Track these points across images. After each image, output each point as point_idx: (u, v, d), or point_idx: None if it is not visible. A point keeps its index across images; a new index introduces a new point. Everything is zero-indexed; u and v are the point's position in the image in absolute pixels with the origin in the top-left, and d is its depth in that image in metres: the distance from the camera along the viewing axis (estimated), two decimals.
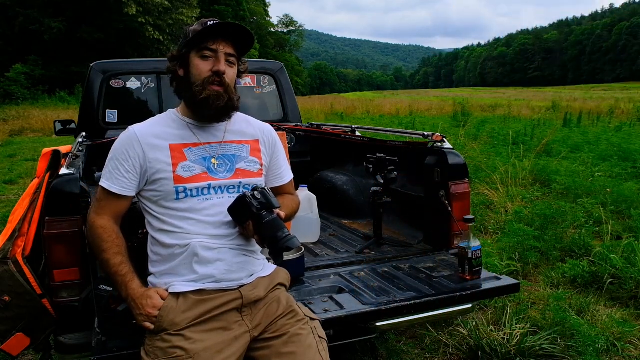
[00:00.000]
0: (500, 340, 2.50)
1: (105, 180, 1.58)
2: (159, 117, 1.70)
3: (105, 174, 1.59)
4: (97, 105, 3.64)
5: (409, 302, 1.92)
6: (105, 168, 1.60)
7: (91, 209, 1.60)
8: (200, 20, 1.63)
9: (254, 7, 48.55)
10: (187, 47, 1.59)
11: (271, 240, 1.49)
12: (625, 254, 3.53)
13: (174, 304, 1.50)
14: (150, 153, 1.57)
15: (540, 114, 17.35)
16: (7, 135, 14.83)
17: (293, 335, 1.55)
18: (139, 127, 1.63)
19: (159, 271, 1.59)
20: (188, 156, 1.59)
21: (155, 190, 1.58)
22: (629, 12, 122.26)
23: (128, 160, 1.57)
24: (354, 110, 23.58)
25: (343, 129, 3.74)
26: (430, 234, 2.62)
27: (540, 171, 6.34)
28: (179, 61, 1.62)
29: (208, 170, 1.59)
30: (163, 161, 1.57)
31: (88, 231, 1.59)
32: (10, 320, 1.78)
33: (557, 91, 54.83)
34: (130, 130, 1.62)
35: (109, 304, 1.72)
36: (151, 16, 29.99)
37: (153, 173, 1.57)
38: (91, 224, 1.57)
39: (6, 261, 1.78)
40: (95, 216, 1.58)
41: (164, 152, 1.58)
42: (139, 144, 1.58)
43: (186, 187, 1.56)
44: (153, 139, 1.59)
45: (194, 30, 1.58)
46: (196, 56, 1.58)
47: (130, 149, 1.58)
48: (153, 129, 1.63)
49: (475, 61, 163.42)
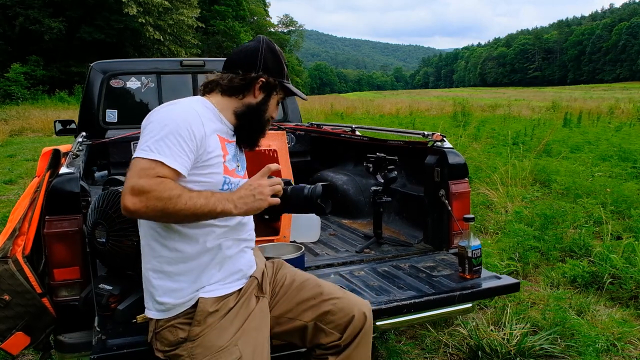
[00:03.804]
0: (500, 340, 2.50)
1: (164, 156, 1.35)
2: (197, 102, 1.56)
3: (162, 150, 1.35)
4: (97, 105, 3.65)
5: (409, 301, 1.93)
6: (160, 143, 1.36)
7: (133, 181, 1.32)
8: (281, 54, 1.64)
9: (254, 7, 48.56)
10: (279, 85, 1.63)
11: (306, 203, 1.54)
12: (625, 254, 3.53)
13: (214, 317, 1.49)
14: (208, 137, 1.47)
15: (540, 114, 17.37)
16: (7, 135, 14.82)
17: (291, 275, 1.76)
18: (194, 105, 1.51)
19: (178, 271, 1.49)
20: (229, 150, 1.57)
21: (203, 176, 1.46)
22: (629, 12, 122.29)
23: (192, 140, 1.41)
24: (354, 110, 23.57)
25: (343, 129, 3.75)
26: (430, 233, 2.62)
27: (540, 171, 6.35)
28: (266, 88, 1.60)
29: (236, 168, 1.62)
30: (217, 148, 1.50)
31: (141, 198, 1.30)
32: (10, 319, 1.78)
33: (557, 91, 54.85)
34: (189, 107, 1.48)
35: (109, 302, 1.72)
36: (151, 16, 29.99)
37: (207, 159, 1.46)
38: (142, 186, 1.30)
39: (6, 260, 1.78)
40: (145, 180, 1.31)
41: (216, 139, 1.51)
42: (202, 125, 1.45)
43: (230, 180, 1.54)
44: (209, 122, 1.51)
45: (283, 70, 1.63)
46: (277, 97, 1.64)
47: (195, 128, 1.42)
48: (206, 112, 1.54)
49: (475, 61, 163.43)
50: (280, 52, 1.65)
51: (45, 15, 28.66)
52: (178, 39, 32.68)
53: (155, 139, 1.37)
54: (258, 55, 1.58)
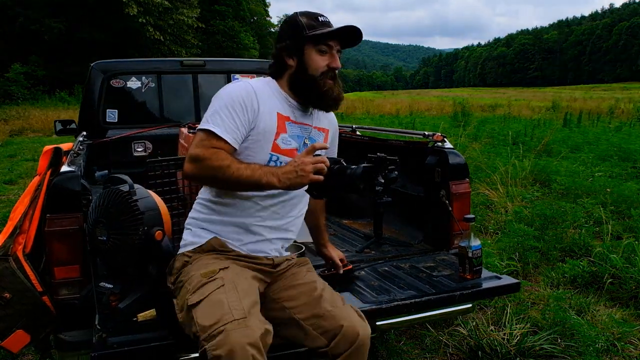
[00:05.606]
0: (500, 340, 2.50)
1: (217, 127, 1.54)
2: (263, 81, 1.71)
3: (216, 121, 1.55)
4: (97, 105, 3.65)
5: (409, 301, 1.93)
6: (215, 115, 1.56)
7: (192, 150, 1.54)
8: (306, 13, 1.71)
9: (254, 7, 48.52)
10: (303, 40, 1.66)
11: (347, 183, 1.53)
12: (625, 254, 3.53)
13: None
14: (263, 113, 1.61)
15: (540, 114, 17.35)
16: (7, 135, 14.81)
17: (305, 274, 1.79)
18: (255, 82, 1.67)
19: (211, 220, 1.68)
20: (288, 129, 1.67)
21: (251, 150, 1.61)
22: (629, 12, 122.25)
23: (245, 114, 1.57)
24: (353, 110, 23.58)
25: (343, 129, 3.74)
26: (431, 233, 2.62)
27: (540, 171, 6.34)
28: (291, 51, 1.68)
29: (298, 149, 1.68)
30: (270, 125, 1.63)
31: (197, 165, 1.52)
32: (11, 318, 1.79)
33: (557, 91, 54.82)
34: (247, 84, 1.63)
35: (110, 301, 1.72)
36: (152, 16, 29.96)
37: (257, 133, 1.60)
38: (198, 154, 1.51)
39: (7, 258, 1.79)
40: (201, 149, 1.52)
41: (272, 117, 1.64)
42: (257, 101, 1.61)
43: (279, 157, 1.64)
44: (267, 99, 1.64)
45: (309, 24, 1.65)
46: (313, 50, 1.66)
47: (248, 103, 1.58)
48: (265, 90, 1.67)
49: (475, 61, 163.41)
50: (303, 13, 1.71)
51: (45, 15, 28.61)
52: (178, 39, 32.65)
53: (211, 112, 1.57)
54: (278, 36, 1.74)
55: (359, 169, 1.52)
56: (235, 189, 1.59)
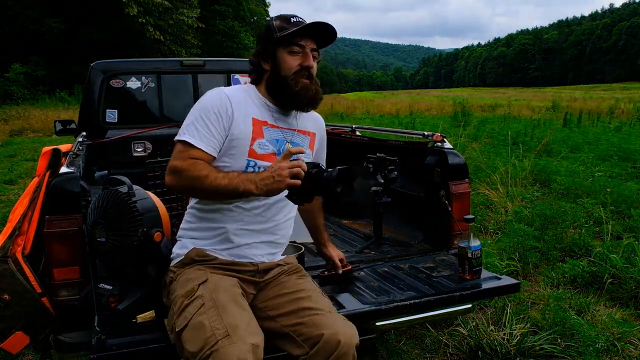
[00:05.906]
0: (500, 340, 2.49)
1: (192, 137, 1.57)
2: (241, 87, 1.75)
3: (192, 132, 1.58)
4: (97, 105, 3.64)
5: (409, 302, 1.92)
6: (190, 126, 1.59)
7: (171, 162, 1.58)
8: (280, 16, 1.71)
9: (254, 7, 48.49)
10: (274, 43, 1.66)
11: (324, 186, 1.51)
12: (625, 254, 3.52)
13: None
14: (237, 119, 1.62)
15: (540, 114, 17.34)
16: (7, 135, 14.81)
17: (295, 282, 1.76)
18: (229, 90, 1.68)
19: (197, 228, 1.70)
20: (265, 134, 1.67)
21: (227, 157, 1.62)
22: (629, 12, 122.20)
23: (220, 122, 1.59)
24: (353, 110, 23.56)
25: (343, 129, 3.74)
26: (430, 233, 2.62)
27: (540, 171, 6.34)
28: (264, 55, 1.70)
29: (278, 152, 1.67)
30: (245, 131, 1.63)
31: (176, 177, 1.55)
32: (10, 319, 1.79)
33: (557, 91, 54.79)
34: (221, 91, 1.65)
35: (109, 302, 1.72)
36: (152, 16, 29.95)
37: (232, 140, 1.61)
38: (176, 166, 1.55)
39: (6, 259, 1.78)
40: (179, 162, 1.55)
41: (247, 122, 1.64)
42: (231, 108, 1.62)
43: (257, 162, 1.63)
44: (242, 105, 1.65)
45: (280, 26, 1.65)
46: (284, 52, 1.67)
47: (222, 110, 1.60)
48: (241, 96, 1.68)
49: (475, 61, 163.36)
50: (278, 16, 1.71)
51: (45, 15, 28.61)
52: (178, 39, 32.64)
53: (187, 123, 1.60)
54: (256, 42, 1.78)
55: (334, 172, 1.49)
56: (215, 198, 1.61)
